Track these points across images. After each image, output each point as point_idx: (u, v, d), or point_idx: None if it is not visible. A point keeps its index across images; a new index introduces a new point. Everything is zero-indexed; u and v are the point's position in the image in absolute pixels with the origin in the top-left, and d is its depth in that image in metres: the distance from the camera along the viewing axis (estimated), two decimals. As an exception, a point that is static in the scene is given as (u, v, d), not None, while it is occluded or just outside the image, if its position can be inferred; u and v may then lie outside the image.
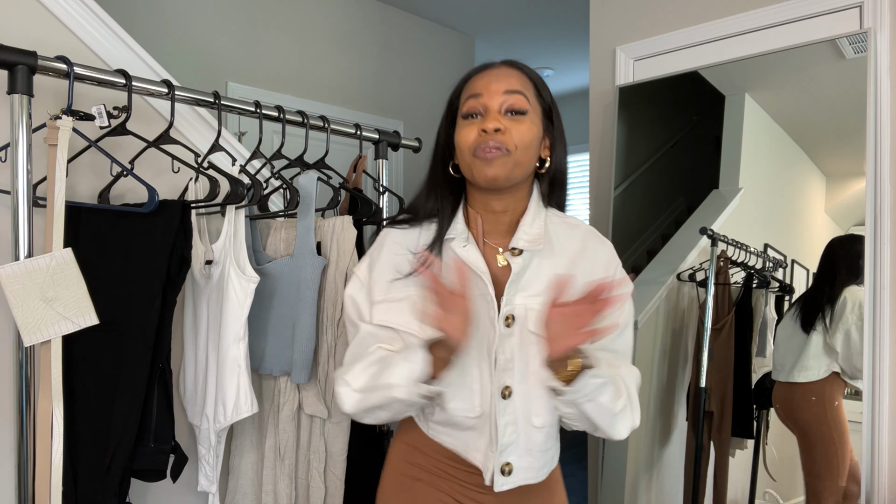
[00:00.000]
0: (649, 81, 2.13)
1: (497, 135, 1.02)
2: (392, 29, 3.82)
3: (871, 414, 1.63)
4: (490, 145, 1.02)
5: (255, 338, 1.60)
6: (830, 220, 1.72)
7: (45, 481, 1.21)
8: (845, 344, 1.66)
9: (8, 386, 1.45)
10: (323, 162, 1.74)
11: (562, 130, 1.15)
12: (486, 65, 1.11)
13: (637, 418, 1.07)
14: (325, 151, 1.74)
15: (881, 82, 1.68)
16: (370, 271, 1.12)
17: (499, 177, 1.04)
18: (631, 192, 2.16)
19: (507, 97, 1.05)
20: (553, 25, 4.11)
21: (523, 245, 1.08)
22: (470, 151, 1.05)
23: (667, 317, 2.00)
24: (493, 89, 1.05)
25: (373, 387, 1.01)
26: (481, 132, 1.03)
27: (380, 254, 1.13)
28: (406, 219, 1.15)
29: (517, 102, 1.05)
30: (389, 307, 1.08)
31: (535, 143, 1.08)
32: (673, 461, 1.94)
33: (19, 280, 1.17)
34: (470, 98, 1.07)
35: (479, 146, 1.03)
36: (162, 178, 1.63)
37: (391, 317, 1.07)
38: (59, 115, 1.24)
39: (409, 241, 1.13)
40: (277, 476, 1.62)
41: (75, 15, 1.53)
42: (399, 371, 0.99)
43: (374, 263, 1.13)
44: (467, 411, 1.06)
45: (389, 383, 0.99)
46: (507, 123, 1.04)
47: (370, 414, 1.05)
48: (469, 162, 1.06)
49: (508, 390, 1.05)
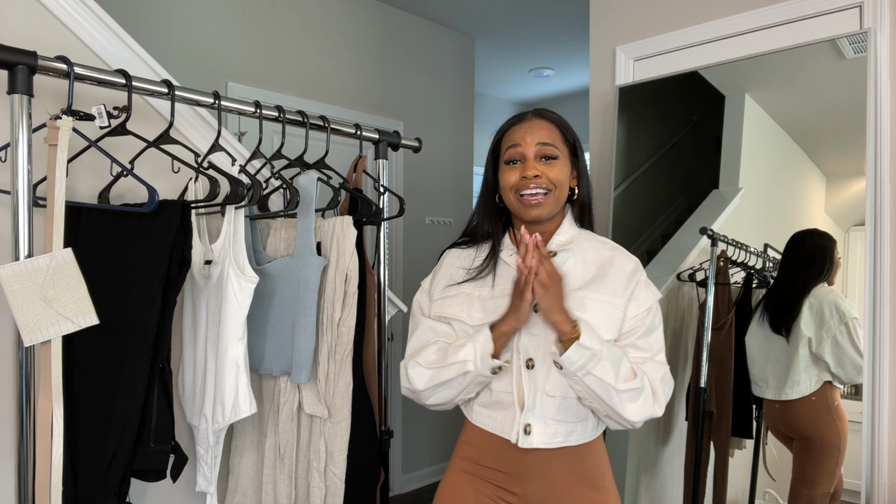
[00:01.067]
0: (649, 81, 2.13)
1: (535, 179, 1.27)
2: (392, 29, 3.82)
3: (870, 414, 1.63)
4: (531, 188, 1.27)
5: (255, 338, 1.60)
6: (830, 220, 1.72)
7: (45, 481, 1.21)
8: (834, 351, 1.66)
9: (8, 386, 1.45)
10: (323, 162, 1.74)
11: (585, 162, 1.38)
12: (519, 117, 1.35)
13: (657, 409, 1.24)
14: (325, 151, 1.74)
15: (881, 82, 1.68)
16: (432, 281, 1.41)
17: (542, 216, 1.30)
18: (631, 192, 2.16)
19: (540, 148, 1.29)
20: (553, 25, 4.11)
21: (555, 247, 1.32)
22: (513, 190, 1.30)
23: (667, 317, 2.00)
24: (528, 141, 1.30)
25: (445, 364, 1.25)
26: (522, 178, 1.29)
27: (440, 268, 1.42)
28: (464, 241, 1.43)
29: (548, 151, 1.30)
30: (444, 303, 1.34)
31: (566, 180, 1.32)
32: (673, 461, 1.94)
33: (19, 280, 1.17)
34: (510, 148, 1.32)
35: (521, 188, 1.29)
36: (162, 178, 1.63)
37: (445, 309, 1.33)
38: (59, 115, 1.24)
39: (465, 257, 1.39)
40: (277, 476, 1.62)
41: (75, 15, 1.53)
42: (468, 349, 1.23)
43: (436, 275, 1.41)
44: (507, 387, 1.27)
45: (463, 359, 1.23)
46: (543, 168, 1.28)
47: (438, 391, 1.27)
48: (514, 200, 1.31)
49: (531, 362, 1.26)
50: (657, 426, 1.99)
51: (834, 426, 1.66)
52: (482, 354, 1.22)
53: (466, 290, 1.33)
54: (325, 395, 1.56)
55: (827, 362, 1.66)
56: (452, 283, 1.35)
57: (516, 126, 1.34)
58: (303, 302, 1.52)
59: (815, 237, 1.71)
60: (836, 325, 1.65)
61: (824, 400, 1.68)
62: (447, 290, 1.36)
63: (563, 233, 1.35)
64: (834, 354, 1.66)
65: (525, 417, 1.25)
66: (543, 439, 1.26)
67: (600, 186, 2.29)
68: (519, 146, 1.30)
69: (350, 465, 1.58)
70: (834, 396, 1.67)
